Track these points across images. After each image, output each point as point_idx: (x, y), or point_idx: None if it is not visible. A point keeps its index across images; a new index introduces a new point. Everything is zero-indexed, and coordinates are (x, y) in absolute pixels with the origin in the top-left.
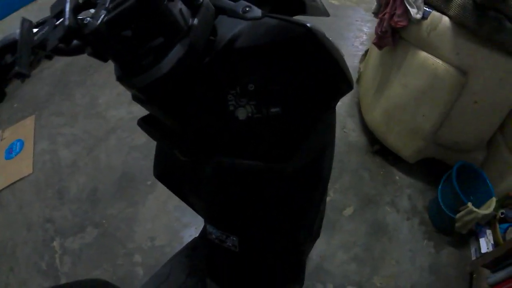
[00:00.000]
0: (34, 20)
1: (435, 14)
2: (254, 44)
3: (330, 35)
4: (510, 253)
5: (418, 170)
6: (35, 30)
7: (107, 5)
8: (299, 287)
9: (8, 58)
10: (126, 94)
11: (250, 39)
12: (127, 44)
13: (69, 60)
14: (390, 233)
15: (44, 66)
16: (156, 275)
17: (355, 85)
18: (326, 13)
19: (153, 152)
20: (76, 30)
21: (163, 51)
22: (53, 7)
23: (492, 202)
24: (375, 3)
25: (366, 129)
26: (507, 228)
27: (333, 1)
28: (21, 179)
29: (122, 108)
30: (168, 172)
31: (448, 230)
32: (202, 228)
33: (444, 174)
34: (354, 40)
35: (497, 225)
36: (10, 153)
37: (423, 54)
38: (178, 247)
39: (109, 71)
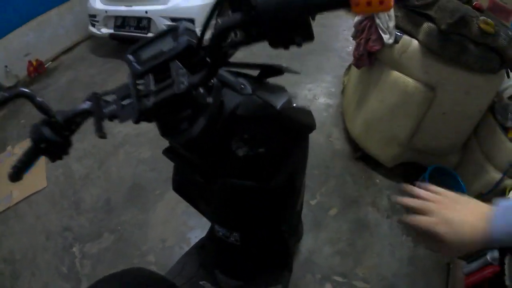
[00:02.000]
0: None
1: (405, 38)
2: (247, 114)
3: (318, 47)
4: None
5: (397, 173)
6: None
7: (151, 87)
8: (289, 274)
9: (78, 120)
10: None
11: (244, 110)
12: (166, 114)
13: (72, 76)
14: (372, 230)
15: (48, 83)
16: (172, 270)
17: (340, 96)
18: (298, 72)
19: (159, 164)
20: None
21: (192, 119)
22: (118, 90)
23: None
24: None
25: (350, 138)
26: None
27: None
28: (36, 192)
29: (128, 125)
30: (184, 187)
31: None
32: (209, 230)
33: (421, 175)
34: (341, 51)
35: None
36: None
37: (395, 74)
38: (186, 247)
39: (112, 86)
